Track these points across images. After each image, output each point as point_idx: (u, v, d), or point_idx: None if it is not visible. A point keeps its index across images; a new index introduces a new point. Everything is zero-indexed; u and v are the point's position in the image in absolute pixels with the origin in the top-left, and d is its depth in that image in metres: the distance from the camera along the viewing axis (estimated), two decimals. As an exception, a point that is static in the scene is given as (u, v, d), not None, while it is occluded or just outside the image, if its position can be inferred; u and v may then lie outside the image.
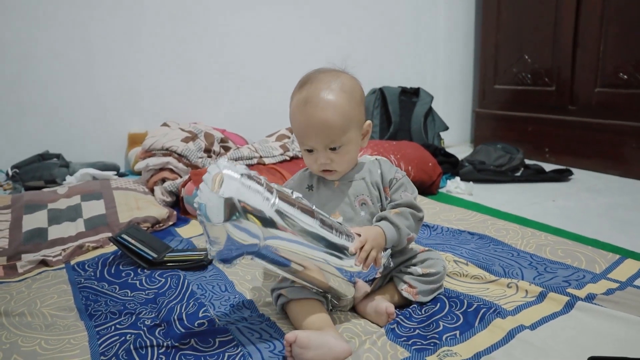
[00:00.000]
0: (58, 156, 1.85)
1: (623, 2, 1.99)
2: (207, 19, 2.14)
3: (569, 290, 0.93)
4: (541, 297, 0.92)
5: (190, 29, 2.11)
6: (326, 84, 0.88)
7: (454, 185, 1.87)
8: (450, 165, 2.05)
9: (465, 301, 0.89)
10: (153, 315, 0.93)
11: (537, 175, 2.02)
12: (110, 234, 1.32)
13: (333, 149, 0.89)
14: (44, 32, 1.86)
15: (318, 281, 0.83)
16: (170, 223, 1.48)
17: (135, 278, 1.11)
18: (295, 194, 0.82)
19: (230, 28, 2.19)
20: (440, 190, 1.87)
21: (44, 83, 1.88)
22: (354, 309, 0.93)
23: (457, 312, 0.88)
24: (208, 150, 1.74)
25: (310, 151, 0.90)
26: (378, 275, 0.90)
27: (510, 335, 0.80)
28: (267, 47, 2.28)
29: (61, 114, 1.93)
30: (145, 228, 1.39)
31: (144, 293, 1.04)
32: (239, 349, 0.80)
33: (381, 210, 0.93)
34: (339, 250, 0.81)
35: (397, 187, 0.93)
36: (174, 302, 0.96)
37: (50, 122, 1.92)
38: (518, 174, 2.05)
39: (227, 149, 1.83)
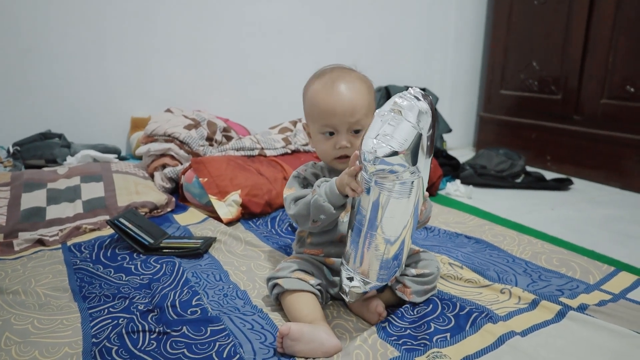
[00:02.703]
0: (60, 136, 1.85)
1: (635, 14, 1.98)
2: (220, 9, 2.13)
3: (562, 299, 0.94)
4: (533, 304, 0.92)
5: (202, 17, 2.10)
6: (347, 73, 0.93)
7: (454, 188, 1.87)
8: (451, 168, 2.05)
9: (458, 304, 0.90)
10: (146, 300, 0.94)
11: (538, 183, 2.02)
12: (108, 217, 1.32)
13: (355, 132, 0.91)
14: (57, 9, 1.85)
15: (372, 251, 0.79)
16: (169, 209, 1.48)
17: (130, 262, 1.12)
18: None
19: (241, 19, 2.18)
20: (439, 192, 1.87)
21: (51, 61, 1.88)
22: (346, 305, 0.93)
23: (449, 315, 0.88)
24: (210, 139, 1.73)
25: (330, 135, 0.91)
26: (390, 283, 0.89)
27: (501, 340, 0.80)
28: (276, 40, 2.28)
29: (66, 94, 1.93)
30: (143, 213, 1.39)
31: (138, 278, 1.04)
32: (230, 338, 0.81)
33: None
34: None
35: None
36: (168, 288, 0.97)
37: (55, 101, 1.91)
38: (518, 180, 2.05)
39: (229, 138, 1.82)
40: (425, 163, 0.75)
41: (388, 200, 0.74)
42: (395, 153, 0.70)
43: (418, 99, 0.73)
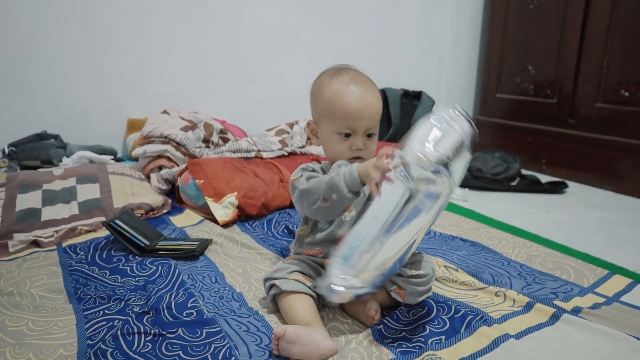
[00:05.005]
0: (56, 137, 1.84)
1: (630, 18, 2.00)
2: (219, 9, 2.13)
3: (556, 302, 0.94)
4: (528, 307, 0.93)
5: (200, 18, 2.10)
6: (361, 75, 0.93)
7: (450, 191, 1.88)
8: (447, 171, 2.05)
9: (453, 307, 0.90)
10: (142, 302, 0.94)
11: (533, 186, 2.03)
12: (103, 219, 1.32)
13: (369, 136, 0.92)
14: (55, 8, 1.84)
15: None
16: (165, 211, 1.48)
17: (126, 264, 1.11)
18: None
19: (240, 19, 2.18)
20: (435, 194, 1.88)
21: (48, 61, 1.87)
22: (342, 307, 0.94)
23: (444, 317, 0.88)
24: (207, 141, 1.73)
25: (347, 136, 0.91)
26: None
27: (495, 343, 0.80)
28: (273, 41, 2.28)
29: (62, 94, 1.92)
30: (139, 215, 1.39)
31: (134, 280, 1.04)
32: (226, 340, 0.81)
33: None
34: None
35: None
36: (163, 290, 0.97)
37: (52, 101, 1.91)
38: (514, 183, 2.06)
39: (225, 140, 1.82)
40: (460, 179, 0.75)
41: (414, 206, 0.72)
42: (445, 161, 0.70)
43: (465, 118, 0.74)
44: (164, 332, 0.82)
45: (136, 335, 0.81)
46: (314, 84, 0.98)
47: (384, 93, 2.44)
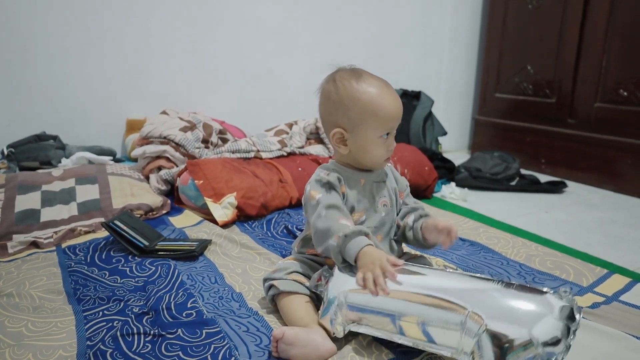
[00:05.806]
0: (55, 138, 1.84)
1: (629, 18, 2.00)
2: (219, 9, 2.13)
3: (556, 301, 0.94)
4: (528, 307, 0.92)
5: (199, 18, 2.10)
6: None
7: (449, 191, 1.88)
8: (447, 171, 2.06)
9: (453, 307, 0.90)
10: (141, 303, 0.94)
11: (532, 186, 2.03)
12: (103, 219, 1.32)
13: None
14: (54, 9, 1.84)
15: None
16: (164, 212, 1.48)
17: (125, 265, 1.11)
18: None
19: (240, 19, 2.18)
20: (434, 194, 1.88)
21: (47, 62, 1.87)
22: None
23: (443, 317, 0.88)
24: (206, 141, 1.73)
25: (385, 136, 0.91)
26: None
27: (495, 343, 0.80)
28: (273, 41, 2.28)
29: (62, 95, 1.92)
30: (139, 215, 1.39)
31: (133, 280, 1.04)
32: (226, 341, 0.81)
33: (396, 214, 0.97)
34: None
35: (408, 193, 1.01)
36: (163, 291, 0.97)
37: (51, 102, 1.91)
38: (513, 183, 2.06)
39: (225, 140, 1.82)
40: None
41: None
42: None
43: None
44: (163, 333, 0.82)
45: (136, 336, 0.81)
46: (336, 93, 0.90)
47: (383, 93, 2.44)
